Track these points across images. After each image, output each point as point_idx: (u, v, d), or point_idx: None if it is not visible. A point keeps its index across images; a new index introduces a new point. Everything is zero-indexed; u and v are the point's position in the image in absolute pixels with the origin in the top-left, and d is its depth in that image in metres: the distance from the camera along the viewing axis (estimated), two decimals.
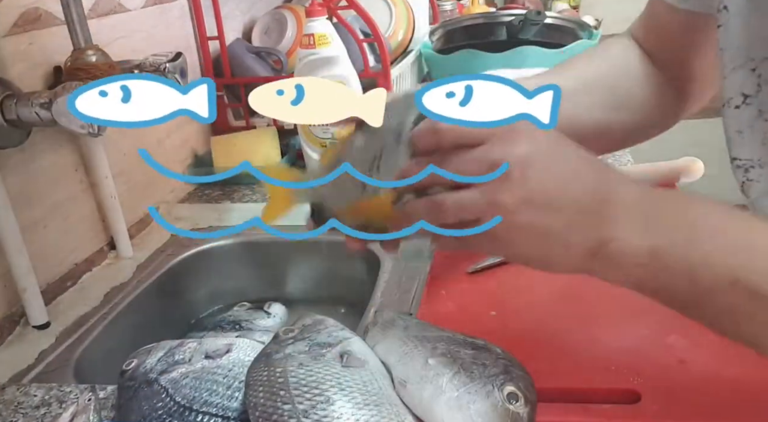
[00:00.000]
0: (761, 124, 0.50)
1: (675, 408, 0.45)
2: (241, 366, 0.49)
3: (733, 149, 0.53)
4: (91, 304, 0.75)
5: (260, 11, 1.30)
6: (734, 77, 0.52)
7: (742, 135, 0.52)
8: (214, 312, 0.90)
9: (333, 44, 0.96)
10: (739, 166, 0.53)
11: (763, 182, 0.51)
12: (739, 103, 0.51)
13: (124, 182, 0.87)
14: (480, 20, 1.22)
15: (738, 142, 0.52)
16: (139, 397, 0.49)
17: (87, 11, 0.73)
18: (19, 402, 0.57)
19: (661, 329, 0.53)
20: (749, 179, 0.52)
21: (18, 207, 0.68)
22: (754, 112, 0.51)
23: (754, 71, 0.50)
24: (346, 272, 0.88)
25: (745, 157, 0.52)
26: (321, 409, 0.40)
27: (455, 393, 0.41)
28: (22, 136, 0.68)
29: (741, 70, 0.51)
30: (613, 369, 0.49)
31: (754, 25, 0.49)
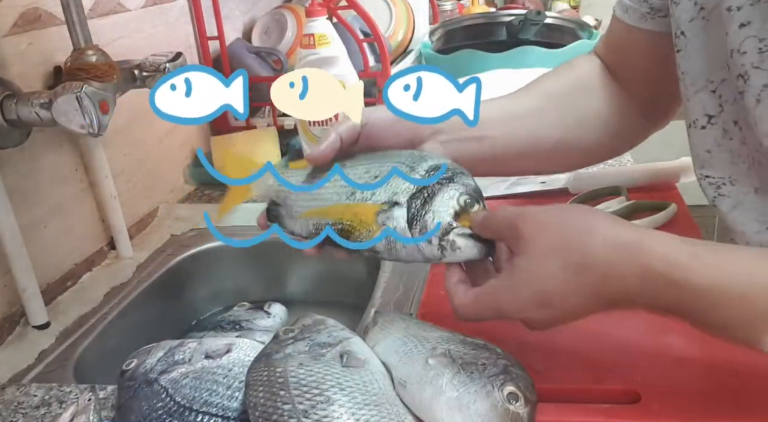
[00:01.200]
0: (727, 142, 0.53)
1: (675, 408, 0.45)
2: (241, 366, 0.49)
3: (705, 168, 0.55)
4: (91, 304, 0.75)
5: (260, 11, 1.30)
6: (696, 99, 0.54)
7: (711, 154, 0.54)
8: (215, 312, 0.90)
9: (333, 44, 0.96)
10: (711, 183, 0.55)
11: (734, 197, 0.54)
12: (705, 124, 0.54)
13: (124, 182, 0.87)
14: (480, 20, 1.22)
15: (708, 161, 0.55)
16: (139, 397, 0.49)
17: (87, 11, 0.73)
18: (19, 402, 0.57)
19: (661, 329, 0.53)
20: (720, 194, 0.54)
21: (18, 207, 0.68)
22: (719, 132, 0.53)
23: (715, 93, 0.52)
24: (346, 272, 0.88)
25: (717, 175, 0.54)
26: (321, 409, 0.40)
27: (455, 393, 0.41)
28: (22, 136, 0.68)
29: (702, 93, 0.53)
30: (612, 369, 0.49)
31: (710, 49, 0.51)
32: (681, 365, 0.49)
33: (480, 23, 1.21)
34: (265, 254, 0.90)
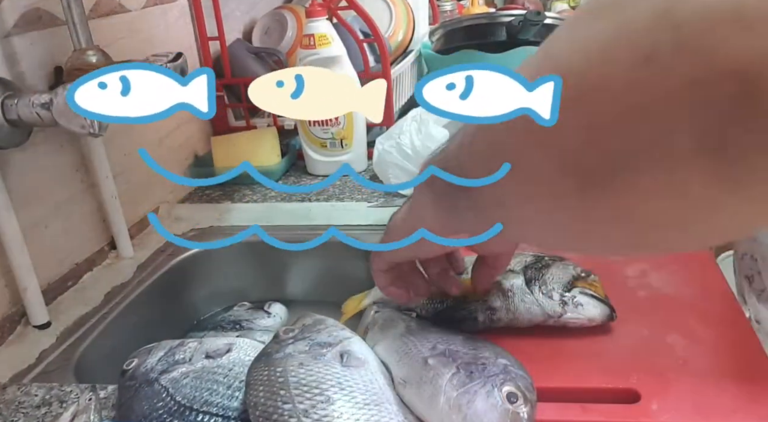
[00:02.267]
0: None
1: (674, 408, 0.45)
2: (242, 365, 0.49)
3: None
4: (91, 304, 0.75)
5: (260, 12, 1.30)
6: None
7: None
8: (215, 312, 0.90)
9: (333, 44, 0.96)
10: None
11: None
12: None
13: (125, 182, 0.87)
14: (480, 20, 1.22)
15: None
16: (139, 397, 0.49)
17: (87, 11, 0.74)
18: (19, 402, 0.58)
19: (660, 328, 0.53)
20: None
21: (19, 207, 0.68)
22: None
23: None
24: (346, 272, 0.88)
25: None
26: (321, 409, 0.40)
27: (455, 392, 0.41)
28: (22, 136, 0.68)
29: None
30: (612, 369, 0.49)
31: None
32: (680, 365, 0.49)
33: (480, 24, 1.21)
34: (265, 254, 0.90)
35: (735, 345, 0.51)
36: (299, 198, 0.96)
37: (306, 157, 1.06)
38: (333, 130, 1.01)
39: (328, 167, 1.04)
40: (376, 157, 0.94)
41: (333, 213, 0.92)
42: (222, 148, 1.05)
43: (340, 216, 0.91)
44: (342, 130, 1.00)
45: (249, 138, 1.07)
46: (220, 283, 0.90)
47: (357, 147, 1.03)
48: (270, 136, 1.07)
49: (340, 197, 0.95)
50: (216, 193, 1.02)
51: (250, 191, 1.00)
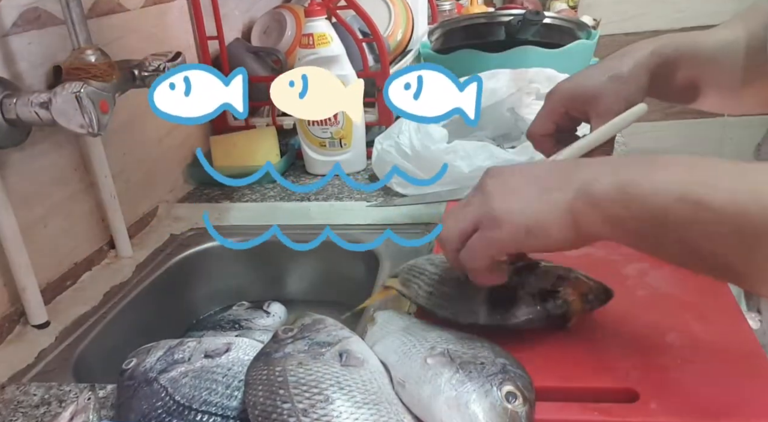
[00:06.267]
0: None
1: (673, 407, 0.45)
2: (241, 365, 0.49)
3: None
4: (90, 303, 0.75)
5: (260, 11, 1.30)
6: None
7: None
8: (214, 311, 0.90)
9: (332, 44, 0.96)
10: None
11: None
12: None
13: (124, 181, 0.87)
14: (479, 20, 1.22)
15: None
16: (138, 396, 0.49)
17: (86, 11, 0.74)
18: (18, 401, 0.58)
19: (659, 328, 0.53)
20: None
21: (18, 206, 0.68)
22: None
23: None
24: (345, 272, 0.88)
25: None
26: (320, 408, 0.40)
27: (454, 392, 0.41)
28: (21, 136, 0.68)
29: None
30: (611, 368, 0.49)
31: None
32: (680, 364, 0.49)
33: (479, 23, 1.21)
34: (264, 254, 0.90)
35: (734, 345, 0.51)
36: (298, 197, 0.96)
37: (305, 157, 1.06)
38: (332, 129, 1.01)
39: (327, 167, 1.04)
40: (375, 157, 0.94)
41: (332, 213, 0.92)
42: (221, 148, 1.05)
43: (339, 215, 0.91)
44: (341, 129, 1.00)
45: (248, 137, 1.07)
46: (219, 283, 0.90)
47: (356, 146, 1.03)
48: (269, 135, 1.07)
49: (339, 197, 0.95)
50: (215, 192, 1.02)
51: (249, 191, 1.00)
